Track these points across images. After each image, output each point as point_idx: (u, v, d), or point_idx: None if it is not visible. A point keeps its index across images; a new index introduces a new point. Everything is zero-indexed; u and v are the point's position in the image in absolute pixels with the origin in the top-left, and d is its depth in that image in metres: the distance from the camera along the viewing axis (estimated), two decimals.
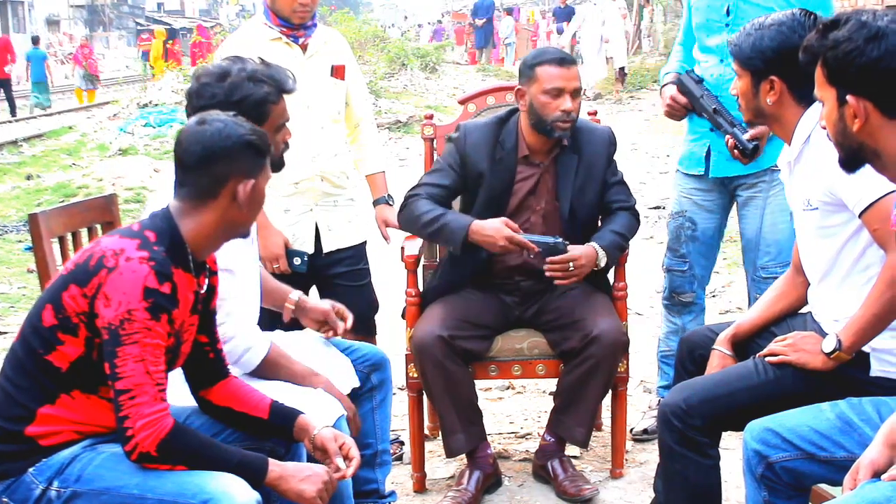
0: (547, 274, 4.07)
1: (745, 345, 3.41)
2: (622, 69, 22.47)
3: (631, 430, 4.78)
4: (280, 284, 3.76)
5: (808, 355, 3.09)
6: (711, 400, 3.14)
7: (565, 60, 4.17)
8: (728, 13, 4.48)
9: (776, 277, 4.49)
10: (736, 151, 4.25)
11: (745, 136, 4.22)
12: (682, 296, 4.74)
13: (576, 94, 4.14)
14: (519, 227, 4.07)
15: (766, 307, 3.47)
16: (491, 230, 4.01)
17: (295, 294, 3.70)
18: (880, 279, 2.99)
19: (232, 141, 2.74)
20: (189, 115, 3.16)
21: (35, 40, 32.12)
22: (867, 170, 2.55)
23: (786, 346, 3.16)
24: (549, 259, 4.04)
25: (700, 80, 4.51)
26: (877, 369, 3.01)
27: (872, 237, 3.00)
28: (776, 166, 4.36)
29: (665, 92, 4.54)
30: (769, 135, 4.27)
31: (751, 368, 3.19)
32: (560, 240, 4.06)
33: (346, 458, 2.95)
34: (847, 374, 3.02)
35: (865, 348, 3.02)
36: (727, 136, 4.29)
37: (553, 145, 4.24)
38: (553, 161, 4.26)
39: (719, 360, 3.38)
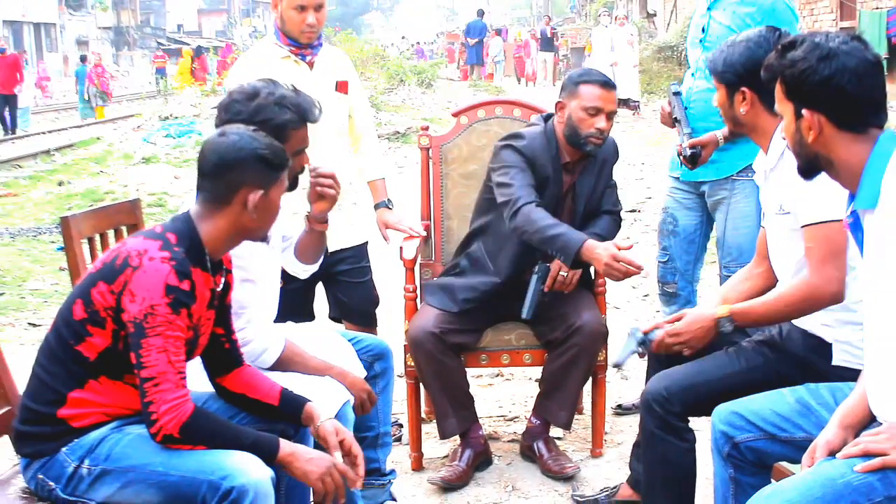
0: (546, 289, 4.11)
1: None
2: (627, 101, 19.54)
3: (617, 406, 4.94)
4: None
5: (697, 341, 3.21)
6: (690, 388, 3.15)
7: (608, 84, 4.14)
8: (703, 31, 4.58)
9: None
10: (681, 157, 4.30)
11: (686, 144, 4.27)
12: (666, 286, 4.83)
13: (611, 115, 4.13)
14: (628, 248, 3.83)
15: (729, 291, 3.44)
16: (601, 250, 3.79)
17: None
18: (796, 289, 3.04)
19: (245, 153, 2.73)
20: (217, 125, 3.15)
21: (83, 59, 32.37)
22: (829, 190, 2.56)
23: (675, 339, 3.24)
24: (545, 286, 4.09)
25: (677, 93, 4.59)
26: (838, 359, 3.01)
27: (805, 251, 3.02)
28: (735, 175, 4.46)
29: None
30: (717, 147, 4.36)
31: (724, 360, 3.20)
32: (541, 266, 4.10)
33: (348, 454, 2.91)
34: (811, 364, 3.03)
35: (828, 339, 3.04)
36: (678, 144, 4.36)
37: (582, 155, 4.20)
38: (580, 168, 4.26)
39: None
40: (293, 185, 3.27)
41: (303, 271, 3.72)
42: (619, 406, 4.94)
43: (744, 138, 4.45)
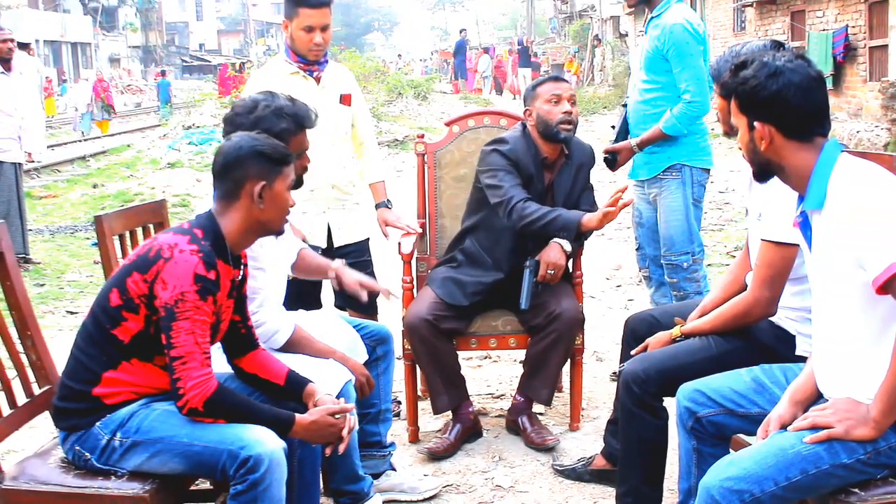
0: (539, 280, 4.11)
1: None
2: None
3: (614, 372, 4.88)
4: (322, 260, 3.74)
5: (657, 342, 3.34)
6: (666, 370, 3.14)
7: (559, 78, 4.28)
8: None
9: (672, 264, 4.66)
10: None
11: (604, 149, 4.54)
12: (641, 271, 5.03)
13: (572, 100, 4.17)
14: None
15: (722, 289, 3.37)
16: (594, 215, 3.97)
17: (336, 262, 3.72)
18: (733, 307, 3.08)
19: (243, 151, 2.75)
20: (223, 136, 3.17)
21: (163, 73, 33.48)
22: (791, 213, 2.55)
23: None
24: (538, 278, 4.09)
25: (625, 105, 4.75)
26: (801, 349, 3.01)
27: (754, 265, 3.02)
28: (661, 174, 4.63)
29: None
30: (632, 153, 4.64)
31: (697, 345, 3.19)
32: (531, 261, 4.10)
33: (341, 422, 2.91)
34: (777, 352, 3.02)
35: (791, 331, 3.04)
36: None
37: (559, 153, 4.23)
38: (559, 166, 4.28)
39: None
40: (298, 184, 3.27)
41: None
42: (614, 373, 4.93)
43: (668, 142, 4.59)
